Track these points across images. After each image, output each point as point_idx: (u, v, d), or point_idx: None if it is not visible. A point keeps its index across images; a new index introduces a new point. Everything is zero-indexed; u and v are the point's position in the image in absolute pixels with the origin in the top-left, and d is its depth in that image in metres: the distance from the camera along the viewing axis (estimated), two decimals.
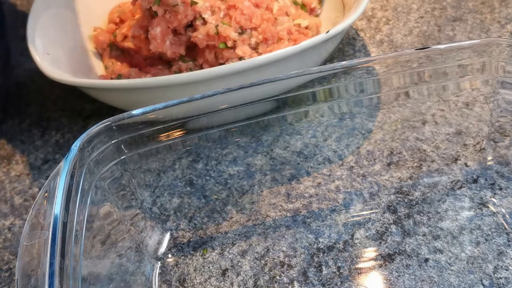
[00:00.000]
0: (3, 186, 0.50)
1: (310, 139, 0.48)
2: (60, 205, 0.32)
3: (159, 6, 0.49)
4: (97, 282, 0.36)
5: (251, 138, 0.49)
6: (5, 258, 0.44)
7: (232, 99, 0.38)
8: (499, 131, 0.43)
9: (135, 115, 0.38)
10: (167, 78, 0.44)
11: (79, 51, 0.56)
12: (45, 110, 0.57)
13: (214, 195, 0.45)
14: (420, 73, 0.39)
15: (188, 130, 0.39)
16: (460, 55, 0.39)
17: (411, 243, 0.40)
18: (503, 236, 0.39)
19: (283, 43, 0.51)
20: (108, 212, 0.39)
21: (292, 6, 0.55)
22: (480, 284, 0.37)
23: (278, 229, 0.42)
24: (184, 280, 0.40)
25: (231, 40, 0.49)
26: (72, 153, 0.35)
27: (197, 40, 0.50)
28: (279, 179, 0.46)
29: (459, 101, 0.49)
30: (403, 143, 0.46)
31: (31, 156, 0.53)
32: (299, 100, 0.40)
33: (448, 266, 0.38)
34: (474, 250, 0.39)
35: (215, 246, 0.42)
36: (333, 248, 0.40)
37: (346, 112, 0.49)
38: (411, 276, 0.38)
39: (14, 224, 0.47)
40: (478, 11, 0.58)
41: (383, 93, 0.40)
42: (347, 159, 0.46)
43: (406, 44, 0.56)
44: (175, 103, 0.38)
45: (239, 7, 0.51)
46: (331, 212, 0.43)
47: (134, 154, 0.39)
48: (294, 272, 0.39)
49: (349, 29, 0.59)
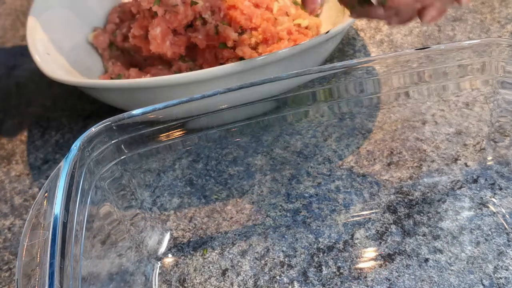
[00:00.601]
0: (3, 186, 0.50)
1: (310, 139, 0.48)
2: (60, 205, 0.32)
3: (159, 6, 0.49)
4: (97, 282, 0.36)
5: (251, 138, 0.49)
6: (5, 258, 0.44)
7: (232, 99, 0.38)
8: (499, 131, 0.43)
9: (135, 115, 0.38)
10: (167, 78, 0.44)
11: (79, 51, 0.56)
12: (45, 110, 0.58)
13: (214, 195, 0.45)
14: (420, 73, 0.39)
15: (188, 130, 0.39)
16: (460, 55, 0.39)
17: (411, 243, 0.40)
18: (503, 236, 0.39)
19: (283, 43, 0.51)
20: (108, 212, 0.39)
21: (292, 6, 0.55)
22: (480, 284, 0.37)
23: (278, 229, 0.42)
24: (184, 280, 0.40)
25: (231, 40, 0.49)
26: (72, 153, 0.35)
27: (197, 40, 0.50)
28: (279, 179, 0.46)
29: (459, 101, 0.49)
30: (403, 143, 0.46)
31: (31, 156, 0.53)
32: (299, 100, 0.40)
33: (448, 266, 0.38)
34: (474, 250, 0.39)
35: (215, 246, 0.42)
36: (333, 248, 0.40)
37: (346, 112, 0.49)
38: (411, 276, 0.38)
39: (14, 224, 0.47)
40: (478, 11, 0.58)
41: (383, 93, 0.40)
42: (347, 159, 0.46)
43: (406, 44, 0.56)
44: (175, 103, 0.38)
45: (239, 7, 0.51)
46: (331, 212, 0.43)
47: (134, 154, 0.39)
48: (294, 272, 0.39)
49: (349, 29, 0.59)
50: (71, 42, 0.56)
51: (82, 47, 0.57)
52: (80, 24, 0.58)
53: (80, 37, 0.57)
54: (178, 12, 0.49)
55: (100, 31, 0.57)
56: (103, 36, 0.57)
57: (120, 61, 0.56)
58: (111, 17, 0.59)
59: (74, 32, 0.57)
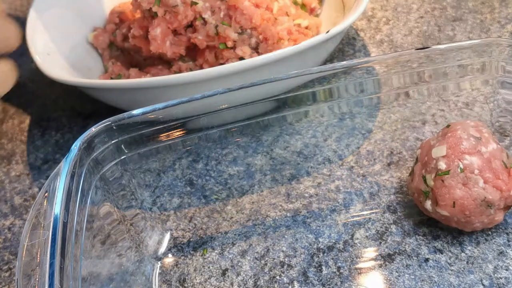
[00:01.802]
0: (3, 186, 0.50)
1: (310, 139, 0.48)
2: (60, 205, 0.32)
3: (159, 6, 0.49)
4: (97, 282, 0.36)
5: (251, 138, 0.49)
6: (5, 258, 0.44)
7: (232, 99, 0.38)
8: (499, 131, 0.43)
9: (135, 115, 0.38)
10: (167, 78, 0.44)
11: (79, 51, 0.56)
12: (45, 110, 0.58)
13: (214, 195, 0.45)
14: (420, 73, 0.39)
15: (188, 130, 0.39)
16: (460, 55, 0.39)
17: (411, 243, 0.40)
18: (503, 236, 0.39)
19: (283, 43, 0.51)
20: (108, 212, 0.39)
21: (292, 6, 0.55)
22: (480, 284, 0.37)
23: (278, 229, 0.42)
24: (184, 280, 0.40)
25: (231, 40, 0.49)
26: (72, 153, 0.35)
27: (197, 41, 0.50)
28: (279, 179, 0.46)
29: (459, 101, 0.49)
30: (403, 143, 0.46)
31: (31, 156, 0.53)
32: (299, 100, 0.40)
33: (448, 266, 0.38)
34: (474, 250, 0.39)
35: (215, 246, 0.42)
36: (333, 248, 0.40)
37: (346, 112, 0.49)
38: (411, 276, 0.38)
39: (14, 224, 0.47)
40: (478, 11, 0.58)
41: (383, 93, 0.40)
42: (347, 159, 0.46)
43: (406, 44, 0.56)
44: (175, 103, 0.38)
45: (239, 7, 0.51)
46: (331, 212, 0.43)
47: (134, 154, 0.39)
48: (294, 272, 0.39)
49: (349, 29, 0.59)
50: (71, 42, 0.56)
51: (82, 47, 0.57)
52: (80, 24, 0.58)
53: (80, 37, 0.57)
54: (178, 12, 0.49)
55: (100, 31, 0.57)
56: (103, 36, 0.57)
57: (120, 61, 0.56)
58: (111, 17, 0.59)
59: (74, 32, 0.57)
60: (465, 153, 0.36)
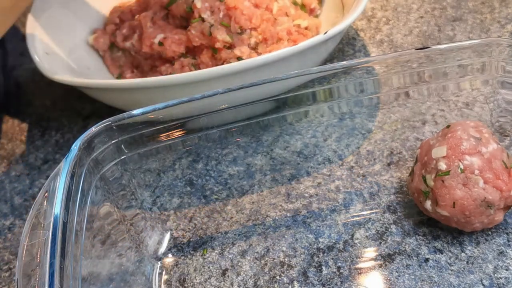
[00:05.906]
0: (3, 186, 0.50)
1: (310, 139, 0.48)
2: (60, 205, 0.32)
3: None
4: (97, 282, 0.36)
5: (251, 138, 0.49)
6: (5, 258, 0.44)
7: (232, 99, 0.38)
8: (499, 131, 0.43)
9: (135, 115, 0.38)
10: (167, 78, 0.44)
11: (79, 51, 0.56)
12: (45, 110, 0.58)
13: (214, 195, 0.45)
14: (420, 73, 0.39)
15: (188, 130, 0.39)
16: (460, 55, 0.39)
17: (411, 243, 0.40)
18: (503, 236, 0.39)
19: (282, 43, 0.51)
20: (108, 212, 0.39)
21: (292, 7, 0.55)
22: (480, 284, 0.37)
23: (278, 229, 0.42)
24: (184, 280, 0.40)
25: (220, 41, 0.49)
26: (72, 153, 0.35)
27: (190, 35, 0.50)
28: (279, 179, 0.46)
29: (459, 101, 0.49)
30: (403, 143, 0.46)
31: (31, 156, 0.53)
32: (299, 100, 0.40)
33: (448, 266, 0.38)
34: (474, 250, 0.39)
35: (215, 246, 0.42)
36: (333, 248, 0.40)
37: (346, 112, 0.49)
38: (411, 276, 0.38)
39: (14, 224, 0.47)
40: (478, 11, 0.58)
41: (383, 93, 0.40)
42: (347, 159, 0.46)
43: (406, 44, 0.56)
44: (175, 103, 0.38)
45: (239, 8, 0.51)
46: (331, 212, 0.43)
47: (134, 154, 0.39)
48: (294, 272, 0.39)
49: (349, 29, 0.59)
50: (71, 42, 0.56)
51: (82, 47, 0.57)
52: (80, 24, 0.58)
53: (80, 37, 0.57)
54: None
55: (100, 33, 0.57)
56: (103, 38, 0.57)
57: (121, 62, 0.56)
58: (111, 17, 0.59)
59: (74, 32, 0.57)
60: (465, 154, 0.36)
